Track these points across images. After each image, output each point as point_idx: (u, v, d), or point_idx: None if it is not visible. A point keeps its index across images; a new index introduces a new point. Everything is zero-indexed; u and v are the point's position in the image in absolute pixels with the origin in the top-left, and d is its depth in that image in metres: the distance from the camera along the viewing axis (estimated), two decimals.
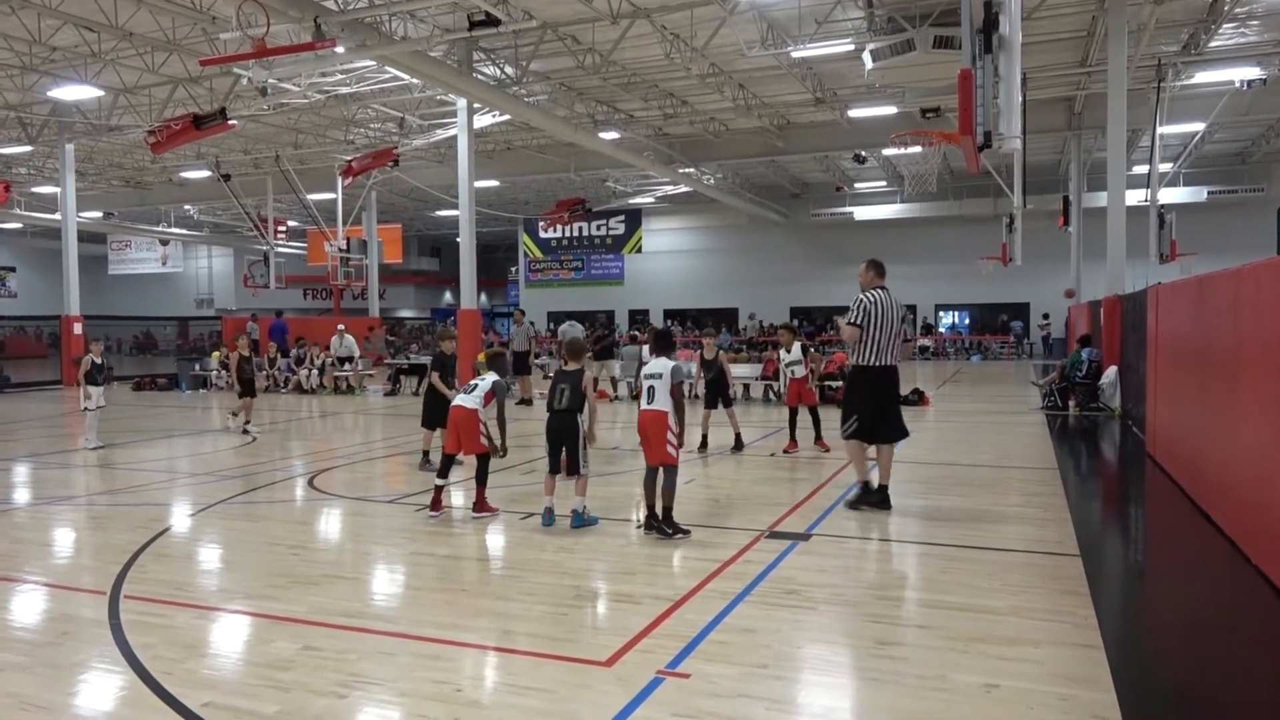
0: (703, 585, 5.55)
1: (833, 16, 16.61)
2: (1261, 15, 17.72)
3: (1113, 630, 4.74)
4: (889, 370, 7.56)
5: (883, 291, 7.59)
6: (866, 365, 7.55)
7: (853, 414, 7.62)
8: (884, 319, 7.45)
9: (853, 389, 7.81)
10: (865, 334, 7.45)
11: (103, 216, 36.90)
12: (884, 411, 7.57)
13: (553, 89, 22.08)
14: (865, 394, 7.61)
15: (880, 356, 7.48)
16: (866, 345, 7.48)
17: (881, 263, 7.86)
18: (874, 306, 7.47)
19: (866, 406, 7.58)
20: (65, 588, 5.83)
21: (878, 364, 7.50)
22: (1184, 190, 30.50)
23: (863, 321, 7.49)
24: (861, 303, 7.54)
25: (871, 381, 7.55)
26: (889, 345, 7.48)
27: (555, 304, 43.24)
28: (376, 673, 4.29)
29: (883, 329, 7.44)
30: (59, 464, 11.35)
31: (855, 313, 7.54)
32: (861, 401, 7.63)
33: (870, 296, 7.54)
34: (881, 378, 7.54)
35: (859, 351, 7.56)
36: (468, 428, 7.54)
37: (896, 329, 7.50)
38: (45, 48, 18.30)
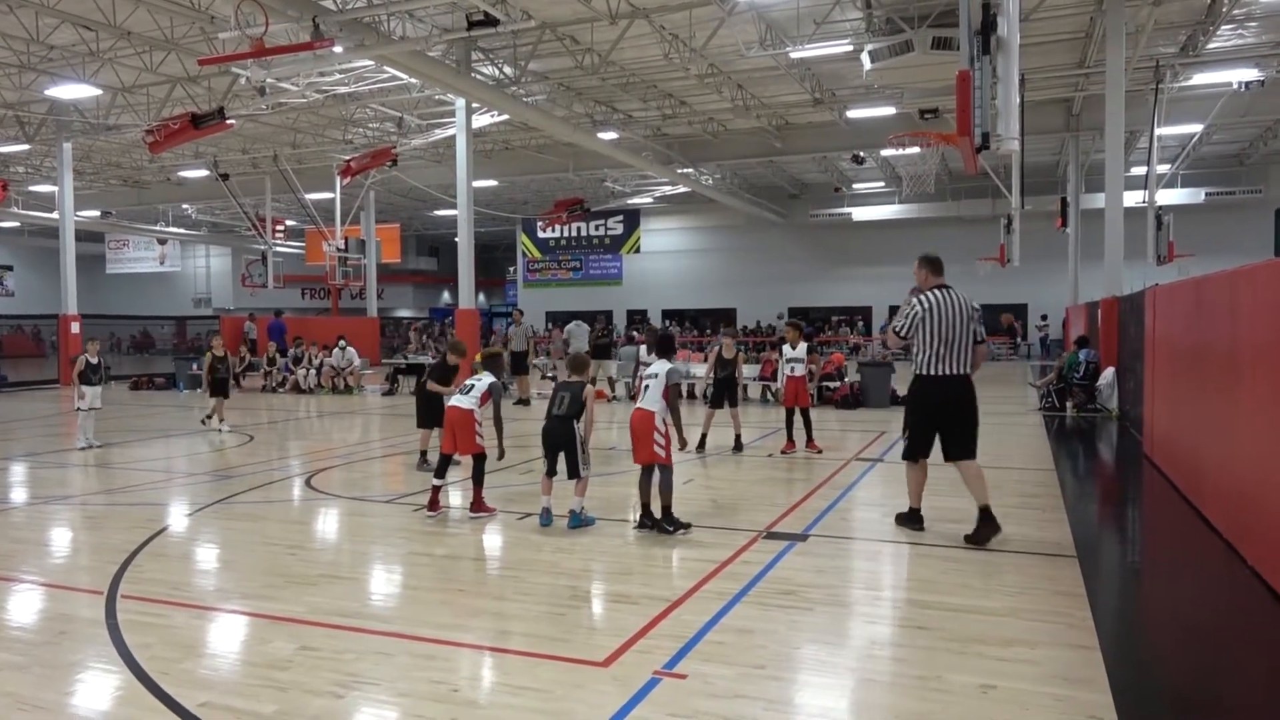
0: (700, 586, 5.56)
1: (831, 17, 16.62)
2: (1260, 17, 17.76)
3: (1109, 632, 4.75)
4: (954, 381, 6.57)
5: (943, 291, 6.64)
6: (926, 374, 6.64)
7: (910, 429, 6.84)
8: (944, 322, 6.51)
9: (911, 401, 6.90)
10: (922, 341, 6.58)
11: (100, 215, 36.85)
12: (949, 427, 6.64)
13: (551, 89, 22.08)
14: (921, 408, 6.76)
15: (942, 364, 6.55)
16: (925, 352, 6.59)
17: (937, 258, 6.93)
18: (929, 312, 6.55)
19: (921, 421, 6.75)
20: (62, 587, 5.83)
21: (940, 373, 6.56)
22: (1182, 192, 30.54)
23: (912, 333, 6.63)
24: (914, 311, 6.61)
25: (931, 394, 6.65)
26: (954, 351, 6.54)
27: (553, 304, 43.25)
28: (374, 673, 4.29)
29: (943, 334, 6.51)
30: (56, 463, 11.34)
31: (905, 321, 6.67)
32: (920, 415, 6.78)
33: (926, 300, 6.61)
34: (944, 389, 6.59)
35: (918, 358, 6.69)
36: (464, 428, 7.54)
37: (964, 332, 6.54)
38: (43, 46, 18.28)
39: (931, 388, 6.63)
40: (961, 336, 6.52)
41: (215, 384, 13.92)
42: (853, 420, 14.77)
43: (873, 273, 38.04)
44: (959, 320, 6.52)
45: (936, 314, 6.53)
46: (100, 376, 12.63)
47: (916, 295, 6.70)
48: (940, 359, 6.54)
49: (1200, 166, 30.91)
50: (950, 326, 6.51)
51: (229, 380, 14.39)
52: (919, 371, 6.69)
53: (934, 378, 6.59)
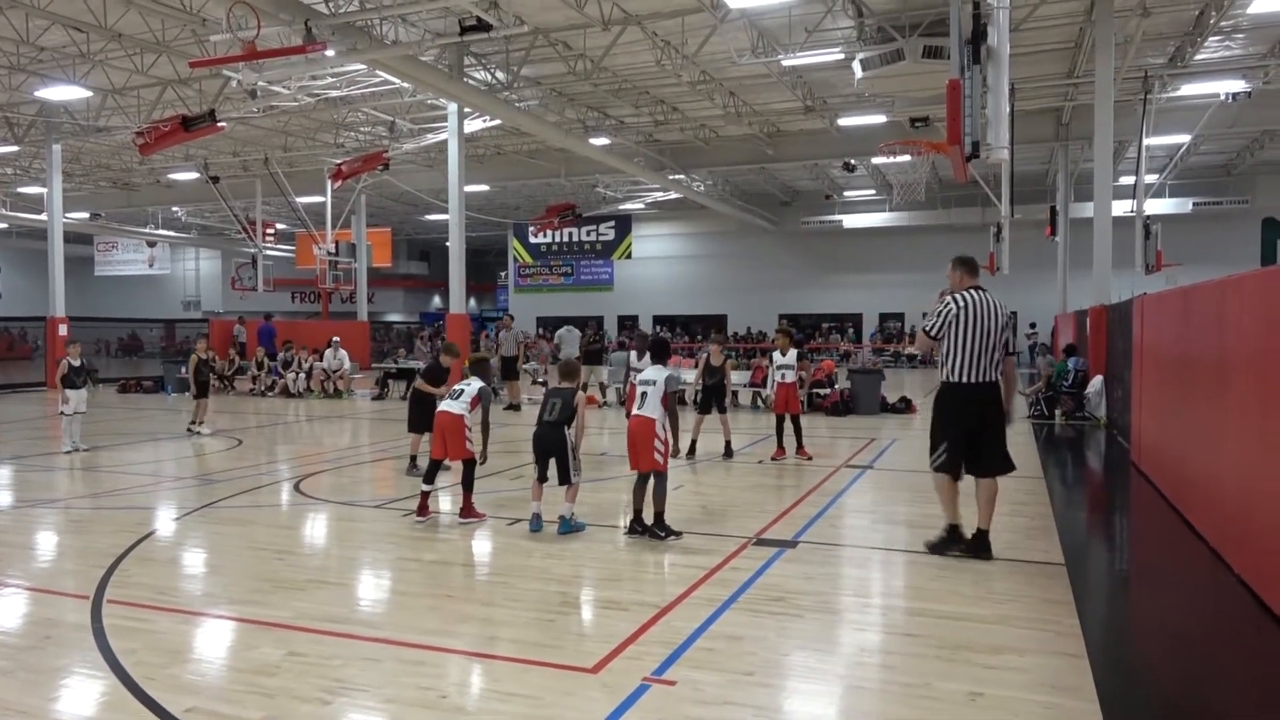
0: (690, 592, 5.56)
1: (823, 26, 16.70)
2: (1246, 29, 17.92)
3: (1097, 640, 4.77)
4: (984, 388, 6.23)
5: (977, 293, 6.27)
6: (955, 381, 6.24)
7: (941, 441, 6.36)
8: (977, 326, 6.16)
9: (939, 411, 6.45)
10: (953, 344, 6.21)
11: (89, 217, 36.68)
12: (980, 437, 6.26)
13: (544, 94, 22.11)
14: (954, 417, 6.30)
15: (972, 371, 6.18)
16: (955, 357, 6.21)
17: (972, 259, 6.55)
18: (964, 312, 6.18)
19: (956, 432, 6.29)
20: (48, 592, 5.78)
21: (969, 380, 6.19)
22: (1170, 201, 30.77)
23: (943, 332, 6.25)
24: (948, 309, 6.25)
25: (962, 401, 6.25)
26: (984, 357, 6.17)
27: (545, 309, 43.22)
28: (361, 678, 4.27)
29: (975, 338, 6.16)
30: (42, 467, 11.26)
31: (937, 321, 6.30)
32: (949, 425, 6.33)
33: (960, 300, 6.24)
34: (974, 396, 6.23)
35: (946, 364, 6.29)
36: (453, 433, 7.52)
37: (995, 338, 6.20)
38: (33, 48, 18.21)
39: (961, 395, 6.25)
40: (994, 342, 6.18)
41: (200, 386, 14.15)
42: (843, 427, 14.80)
43: (863, 280, 38.18)
44: (993, 325, 6.19)
45: (970, 315, 6.17)
46: (84, 379, 12.49)
47: (950, 295, 6.33)
48: (970, 364, 6.18)
49: (1188, 176, 31.14)
50: (984, 330, 6.16)
51: (209, 383, 14.56)
52: (947, 378, 6.29)
53: (964, 385, 6.22)
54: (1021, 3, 15.12)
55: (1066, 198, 27.46)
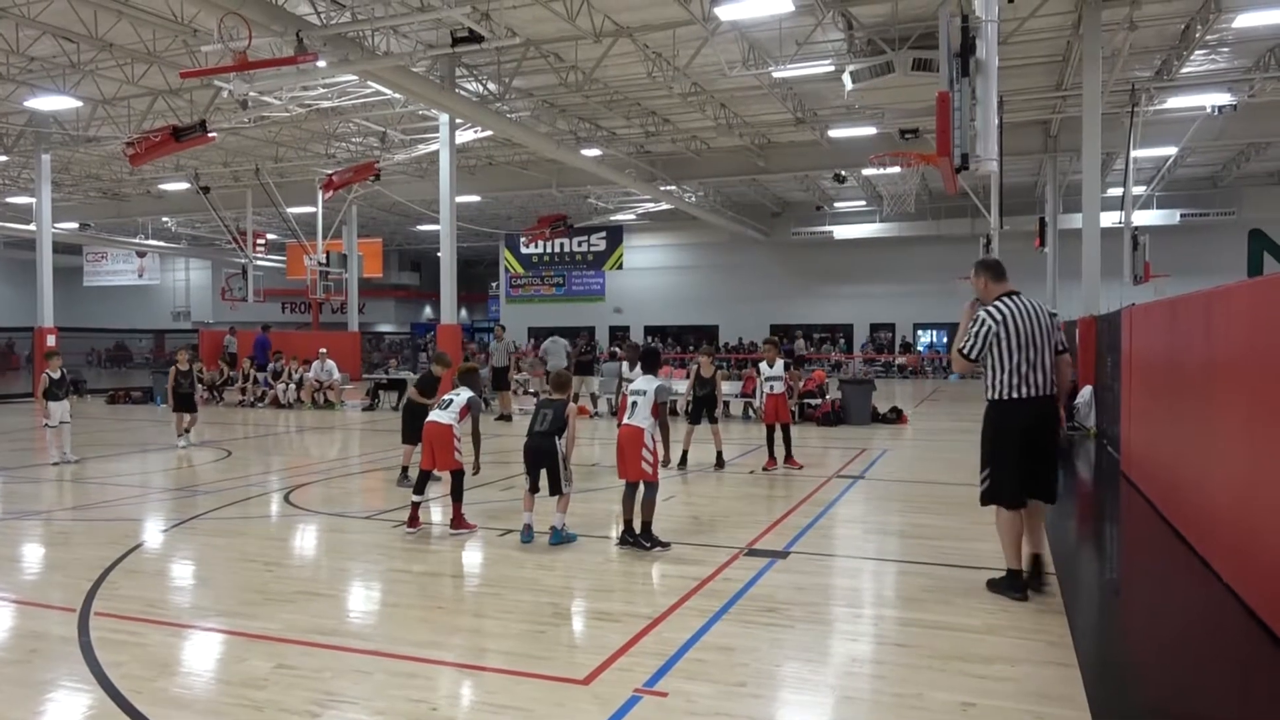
0: (681, 603, 5.55)
1: (813, 38, 16.79)
2: (1232, 43, 18.11)
3: (1087, 649, 4.78)
4: (1041, 404, 5.54)
5: (1012, 300, 5.62)
6: (1005, 399, 5.56)
7: (987, 465, 5.69)
8: (1022, 335, 5.50)
9: (987, 433, 5.73)
10: (998, 361, 5.55)
11: (79, 228, 36.54)
12: (1034, 460, 5.58)
13: (535, 105, 22.15)
14: (1005, 438, 5.58)
15: (1026, 384, 5.51)
16: (1002, 373, 5.55)
17: (997, 262, 5.96)
18: (1003, 326, 5.51)
19: (1008, 456, 5.57)
20: (34, 604, 5.73)
21: (1021, 395, 5.51)
22: (1157, 213, 31.01)
23: (980, 353, 5.59)
24: (985, 326, 5.55)
25: (1014, 420, 5.55)
26: (1038, 367, 5.52)
27: (536, 320, 43.19)
28: (351, 691, 4.24)
29: (1020, 348, 5.50)
30: (29, 478, 11.18)
31: (974, 341, 5.58)
32: (1000, 449, 5.61)
33: (995, 312, 5.56)
34: (1031, 413, 5.54)
35: (992, 381, 5.62)
36: (441, 443, 7.51)
37: (1045, 343, 5.55)
38: (23, 58, 18.15)
39: (1017, 412, 5.55)
40: (1043, 349, 5.54)
41: (179, 399, 13.70)
42: (834, 437, 14.82)
43: (854, 290, 38.31)
44: (1039, 330, 5.53)
45: (1012, 326, 5.51)
46: (65, 391, 12.27)
47: (982, 308, 5.67)
48: (1023, 378, 5.50)
49: (1175, 188, 31.39)
50: (1030, 339, 5.50)
51: (193, 395, 14.14)
52: (996, 396, 5.62)
53: (1018, 401, 5.53)
54: (1010, 16, 15.25)
55: (1055, 209, 27.65)
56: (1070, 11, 16.23)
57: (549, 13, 15.65)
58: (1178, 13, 16.46)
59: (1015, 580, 5.70)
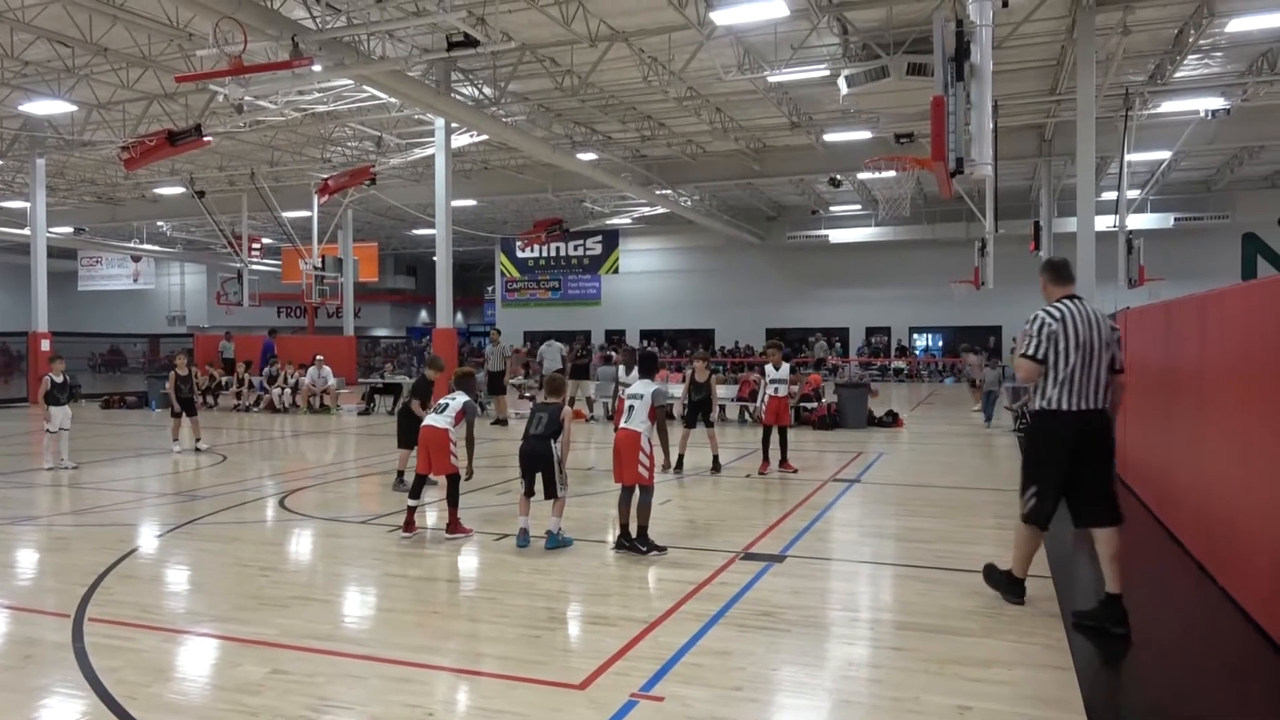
0: (677, 607, 5.54)
1: (808, 43, 16.83)
2: (1225, 47, 18.18)
3: (1084, 652, 4.78)
4: (1091, 417, 5.15)
5: (1074, 304, 5.28)
6: (1054, 409, 5.19)
7: (1032, 482, 5.34)
8: (1078, 342, 5.14)
9: (1033, 447, 5.45)
10: (1050, 365, 5.19)
11: (73, 232, 36.47)
12: (1082, 479, 5.20)
13: (531, 110, 22.17)
14: (1051, 453, 5.24)
15: (1076, 395, 5.13)
16: (1054, 380, 5.18)
17: (1064, 262, 5.60)
18: (1062, 325, 5.18)
19: (1053, 471, 5.25)
20: (28, 610, 5.71)
21: (1074, 406, 5.15)
22: (1151, 217, 31.10)
23: (1044, 352, 5.21)
24: (1045, 324, 5.24)
25: (1064, 434, 5.18)
26: (1091, 378, 5.14)
27: (532, 324, 43.18)
28: (346, 696, 4.23)
29: (1077, 355, 5.13)
30: (23, 483, 11.13)
31: (1036, 339, 5.24)
32: (1045, 463, 5.30)
33: (1056, 312, 5.25)
34: (1080, 427, 5.15)
35: (1042, 388, 5.26)
36: (437, 447, 7.50)
37: (1101, 354, 5.18)
38: (17, 62, 18.13)
39: (1064, 425, 5.16)
40: (1099, 360, 5.16)
41: (182, 403, 13.80)
42: (830, 441, 14.82)
43: (849, 294, 38.36)
44: (1096, 339, 5.18)
45: (1070, 329, 5.17)
46: (67, 396, 12.27)
47: (1042, 310, 5.36)
48: (1074, 388, 5.13)
49: (1169, 192, 31.49)
50: (1087, 346, 5.15)
51: (194, 400, 14.24)
52: (1043, 405, 5.24)
53: (1067, 413, 5.14)
54: (1004, 21, 15.29)
55: (1050, 213, 27.71)
56: (1064, 16, 16.29)
57: (544, 17, 15.66)
58: (1171, 17, 16.53)
59: (1016, 586, 5.63)
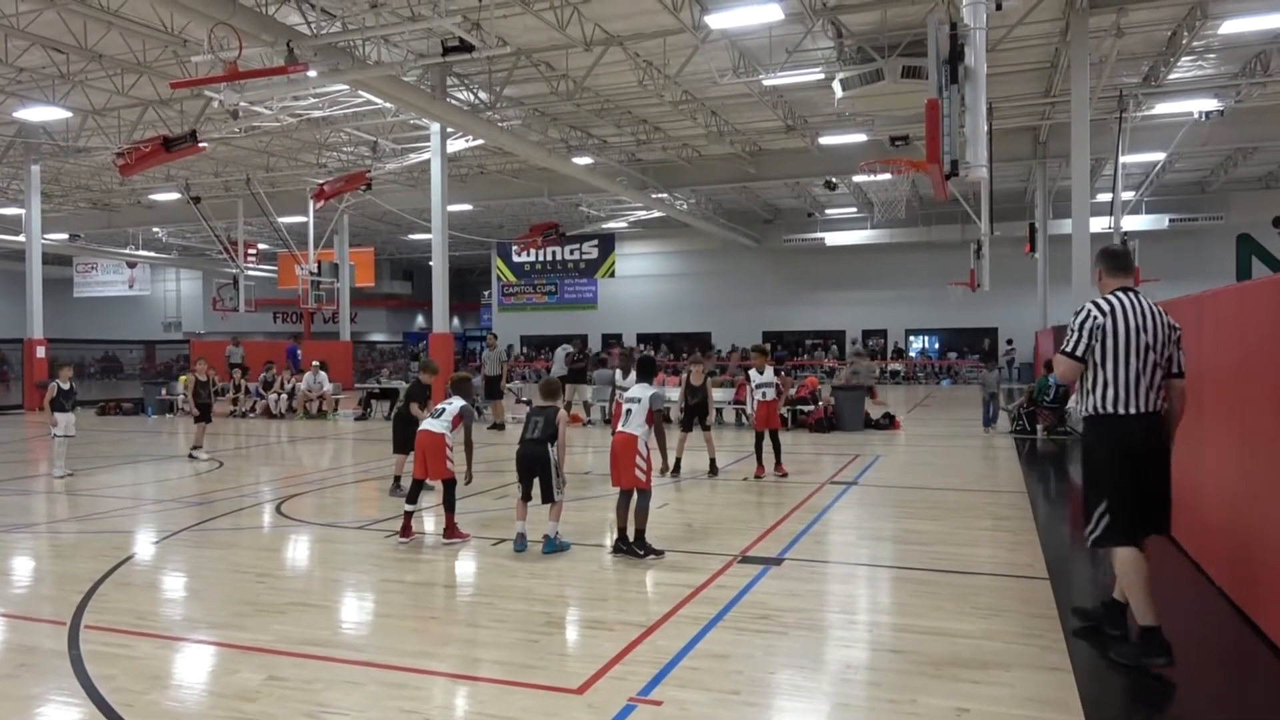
0: (675, 611, 5.53)
1: (803, 46, 16.87)
2: (1218, 49, 18.25)
3: (1082, 653, 4.78)
4: (1150, 420, 4.59)
5: (1127, 296, 4.68)
6: (1109, 412, 4.59)
7: (1100, 499, 4.63)
8: (1133, 337, 4.55)
9: (1094, 456, 4.74)
10: (1100, 363, 4.60)
11: (69, 239, 36.40)
12: (1150, 490, 4.60)
13: (526, 114, 22.19)
14: (1114, 459, 4.59)
15: (1131, 397, 4.55)
16: (1104, 380, 4.59)
17: (1122, 250, 5.01)
18: (1110, 319, 4.58)
19: (1120, 480, 4.58)
20: (24, 618, 5.69)
21: (1133, 409, 4.54)
22: (1146, 218, 31.21)
23: (1086, 350, 4.63)
24: (1090, 318, 4.63)
25: (1124, 438, 4.58)
26: (1147, 379, 4.56)
27: (528, 328, 43.20)
28: (343, 702, 4.22)
29: (1130, 353, 4.54)
30: (19, 490, 11.10)
31: (1078, 335, 4.66)
32: (1110, 474, 4.62)
33: (1104, 304, 4.66)
34: (1140, 431, 4.58)
35: (1093, 391, 4.65)
36: (434, 452, 7.49)
37: (1159, 353, 4.59)
38: (12, 69, 18.11)
39: (1122, 429, 4.57)
40: (1152, 360, 4.57)
41: (201, 409, 13.77)
42: (827, 443, 14.83)
43: (845, 297, 38.41)
44: (1154, 336, 4.58)
45: (1121, 324, 4.57)
46: (73, 403, 12.20)
47: (1090, 302, 4.78)
48: (1130, 390, 4.54)
49: (1164, 193, 31.59)
50: (1139, 345, 4.55)
51: (210, 405, 14.17)
52: (1097, 409, 4.63)
53: (1125, 416, 4.55)
54: (998, 24, 15.35)
55: (1045, 215, 27.81)
56: (1058, 19, 16.34)
57: (540, 22, 15.68)
58: (1165, 19, 16.59)
59: (1155, 640, 4.48)
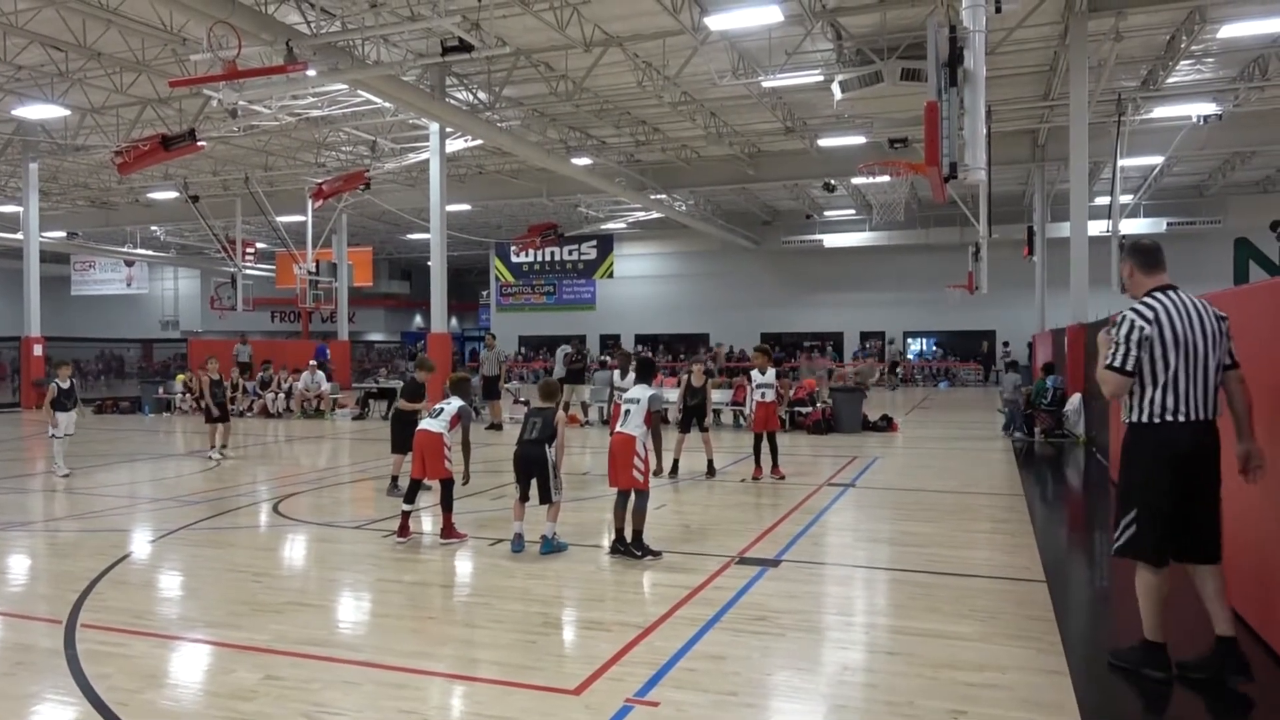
0: (672, 612, 5.53)
1: (802, 48, 16.89)
2: (1216, 53, 18.28)
3: (1078, 656, 4.79)
4: (1201, 429, 4.27)
5: (1169, 296, 4.36)
6: (1155, 421, 4.31)
7: (1129, 508, 4.40)
8: (1177, 341, 4.24)
9: (1133, 464, 4.45)
10: (1149, 371, 4.30)
11: (66, 236, 36.36)
12: (1189, 506, 4.32)
13: (525, 114, 22.19)
14: (1157, 472, 4.31)
15: (1181, 404, 4.26)
16: (1149, 387, 4.31)
17: (1154, 245, 4.61)
18: (1155, 325, 4.27)
19: (1156, 494, 4.32)
20: (20, 616, 5.68)
21: (1178, 418, 4.27)
22: (1144, 221, 31.24)
23: (1135, 362, 4.30)
24: (1134, 326, 4.30)
25: (1169, 449, 4.28)
26: (1198, 384, 4.25)
27: (527, 328, 43.18)
28: (341, 702, 4.21)
29: (1178, 358, 4.24)
30: (16, 489, 11.09)
31: (1123, 346, 4.32)
32: (1146, 485, 4.36)
33: (1146, 309, 4.32)
34: (1187, 442, 4.27)
35: (1138, 398, 4.36)
36: (432, 452, 7.49)
37: (1209, 354, 4.27)
38: (10, 66, 18.08)
39: (1168, 438, 4.27)
40: (1207, 361, 4.25)
41: (219, 408, 13.53)
42: (825, 445, 14.83)
43: (844, 299, 38.44)
44: (1203, 336, 4.26)
45: (1168, 328, 4.26)
46: (74, 401, 12.12)
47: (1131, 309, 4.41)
48: (1181, 397, 4.24)
49: (1162, 197, 31.64)
50: (1190, 346, 4.24)
51: (226, 404, 13.95)
52: (1141, 417, 4.35)
53: (1174, 425, 4.26)
54: (997, 27, 15.37)
55: (1043, 218, 27.85)
56: (1057, 22, 16.37)
57: (539, 22, 15.68)
58: (1163, 23, 16.62)
59: (1156, 654, 4.43)
